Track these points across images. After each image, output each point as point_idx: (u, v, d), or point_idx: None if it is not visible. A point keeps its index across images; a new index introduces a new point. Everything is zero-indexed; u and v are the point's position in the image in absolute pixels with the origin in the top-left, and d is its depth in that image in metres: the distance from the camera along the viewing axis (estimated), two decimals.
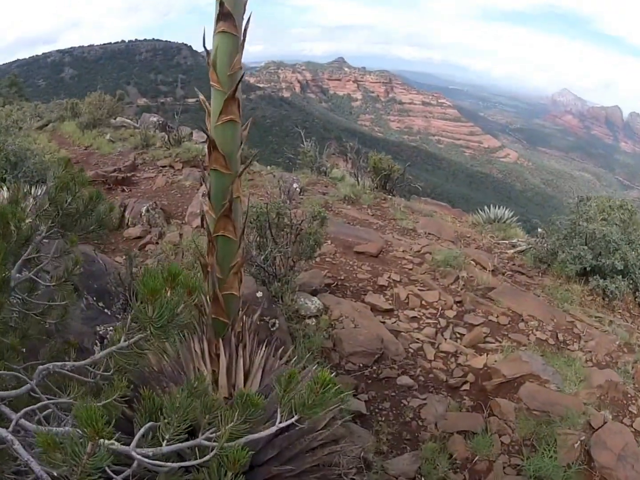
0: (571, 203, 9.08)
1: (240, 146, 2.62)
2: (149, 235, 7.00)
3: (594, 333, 6.33)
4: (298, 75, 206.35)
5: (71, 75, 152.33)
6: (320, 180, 11.90)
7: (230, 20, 2.42)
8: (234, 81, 2.49)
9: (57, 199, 2.33)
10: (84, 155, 13.11)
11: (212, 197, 2.65)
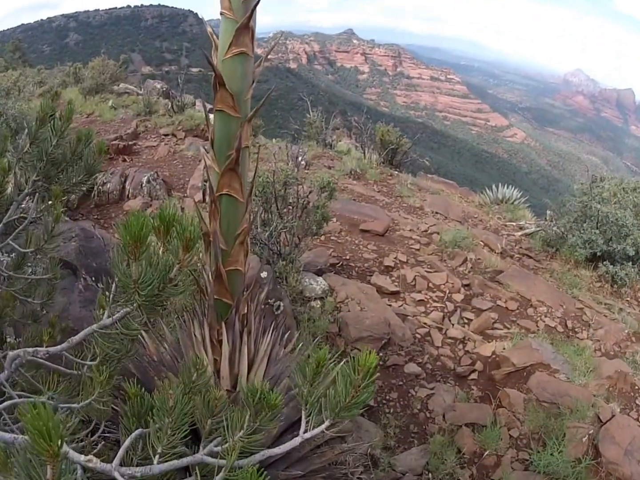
0: (584, 184, 8.81)
1: (251, 85, 2.23)
2: (150, 209, 6.79)
3: (603, 321, 6.21)
4: (306, 46, 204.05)
5: (76, 40, 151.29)
6: (326, 154, 11.67)
7: None
8: (248, 8, 2.11)
9: (39, 138, 1.95)
10: (86, 122, 12.88)
11: (216, 145, 2.23)
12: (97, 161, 2.08)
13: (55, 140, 1.95)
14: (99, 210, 7.31)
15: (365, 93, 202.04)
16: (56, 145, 1.95)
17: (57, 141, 1.94)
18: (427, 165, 12.72)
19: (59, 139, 1.93)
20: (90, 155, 2.07)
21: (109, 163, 9.44)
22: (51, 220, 2.00)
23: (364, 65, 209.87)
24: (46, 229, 2.01)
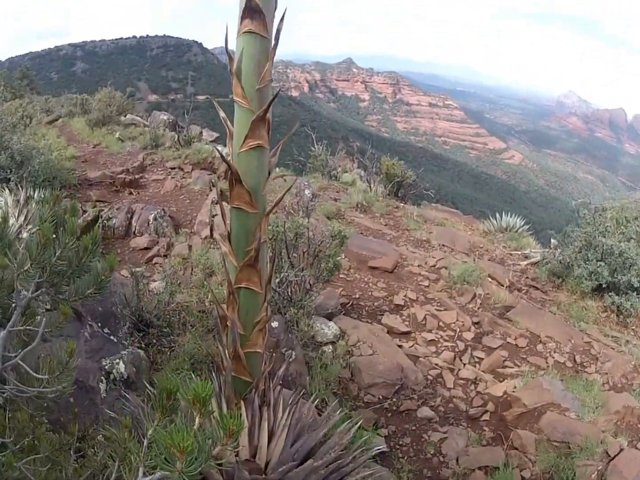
0: (587, 214, 8.86)
1: (267, 178, 2.18)
2: (156, 247, 6.72)
3: (610, 354, 6.23)
4: (307, 75, 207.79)
5: (83, 69, 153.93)
6: (332, 185, 11.67)
7: (259, 17, 1.95)
8: (264, 97, 2.04)
9: (40, 259, 1.83)
10: (92, 153, 12.91)
11: (233, 239, 2.21)
12: (107, 277, 1.98)
13: (59, 251, 1.85)
14: (104, 243, 7.25)
15: (367, 120, 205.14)
16: (59, 257, 1.84)
17: (61, 252, 1.83)
18: (432, 196, 12.73)
19: (62, 251, 1.83)
20: (101, 271, 1.97)
21: (114, 195, 9.44)
22: (65, 357, 1.86)
23: (364, 93, 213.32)
24: (60, 360, 1.87)
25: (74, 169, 10.72)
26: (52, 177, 9.08)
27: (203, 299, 5.33)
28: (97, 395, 3.56)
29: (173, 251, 6.65)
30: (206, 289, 5.49)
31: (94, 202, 8.79)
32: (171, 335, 4.74)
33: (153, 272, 6.27)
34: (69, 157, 11.48)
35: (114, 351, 3.90)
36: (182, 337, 4.67)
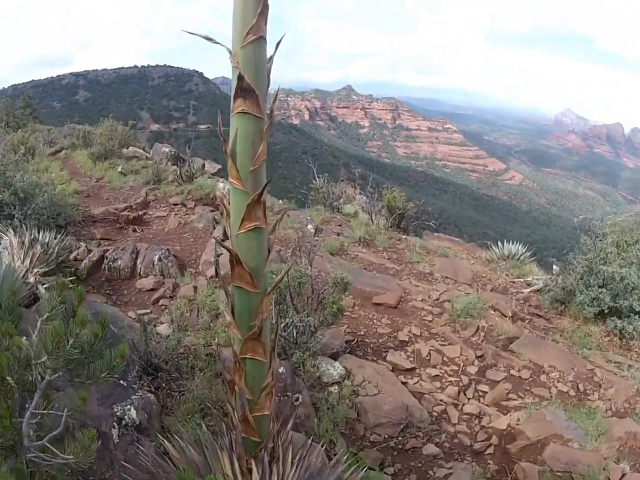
0: (587, 240, 8.96)
1: (268, 256, 2.22)
2: (162, 288, 6.76)
3: (613, 380, 6.28)
4: (307, 102, 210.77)
5: (85, 98, 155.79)
6: (334, 218, 11.75)
7: (251, 97, 1.99)
8: (259, 178, 2.06)
9: (55, 352, 1.91)
10: (95, 187, 12.97)
11: (237, 314, 2.27)
12: (119, 363, 2.03)
13: (72, 340, 1.89)
14: (110, 284, 7.29)
15: (367, 146, 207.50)
16: (73, 346, 1.89)
17: (74, 341, 1.89)
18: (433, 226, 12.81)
19: (75, 339, 1.89)
20: (114, 357, 2.03)
21: (118, 232, 9.48)
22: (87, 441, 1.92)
23: (364, 119, 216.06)
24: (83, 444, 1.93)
25: (78, 204, 10.78)
26: (56, 213, 9.11)
27: (210, 341, 5.37)
28: (110, 441, 3.60)
29: (179, 293, 6.69)
30: (213, 331, 5.53)
31: (99, 241, 8.84)
32: (180, 380, 4.77)
33: (160, 314, 6.30)
34: (72, 192, 11.54)
35: (124, 396, 3.95)
36: (191, 382, 4.70)
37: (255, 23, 1.96)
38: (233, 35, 2.01)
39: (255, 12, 1.95)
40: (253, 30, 1.96)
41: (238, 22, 1.99)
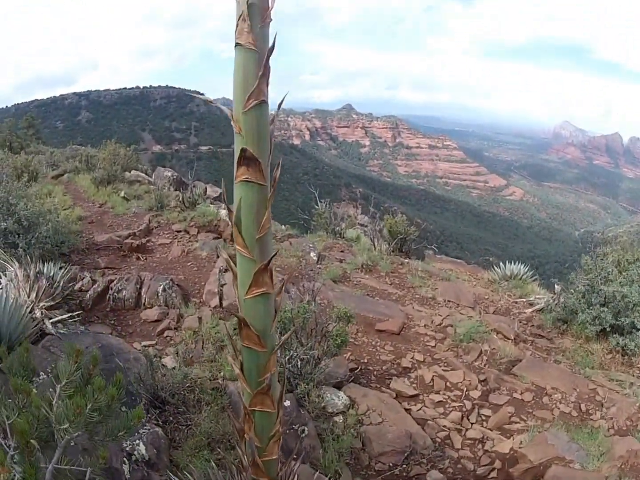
0: (588, 260, 9.04)
1: (275, 317, 2.25)
2: (166, 319, 6.81)
3: (615, 398, 6.29)
4: (307, 122, 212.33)
5: (88, 118, 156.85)
6: (337, 244, 11.81)
7: (254, 165, 2.00)
8: (265, 245, 2.09)
9: (73, 412, 1.97)
10: (98, 213, 13.04)
11: (246, 371, 2.31)
12: (136, 423, 2.10)
13: (90, 404, 1.96)
14: (115, 315, 7.33)
15: (368, 165, 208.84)
16: (91, 409, 1.96)
17: (92, 405, 1.96)
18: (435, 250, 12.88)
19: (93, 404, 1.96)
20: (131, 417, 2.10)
21: (122, 260, 9.52)
22: None
23: (364, 138, 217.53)
24: None
25: (81, 231, 10.84)
26: (60, 241, 9.13)
27: (216, 375, 5.41)
28: (122, 476, 3.65)
29: (183, 324, 6.74)
30: (218, 364, 5.57)
31: (103, 270, 8.89)
32: (187, 413, 4.80)
33: (165, 346, 6.34)
34: (76, 219, 11.60)
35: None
36: (198, 415, 4.73)
37: (256, 87, 1.98)
38: (234, 98, 2.03)
39: (256, 75, 1.97)
40: (255, 94, 1.98)
41: (239, 85, 2.00)
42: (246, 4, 1.94)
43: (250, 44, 1.95)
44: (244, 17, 1.95)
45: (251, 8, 1.95)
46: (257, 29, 1.97)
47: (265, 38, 2.00)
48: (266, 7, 1.98)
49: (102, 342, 5.68)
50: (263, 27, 1.99)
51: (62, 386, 2.04)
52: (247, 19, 1.95)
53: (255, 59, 1.97)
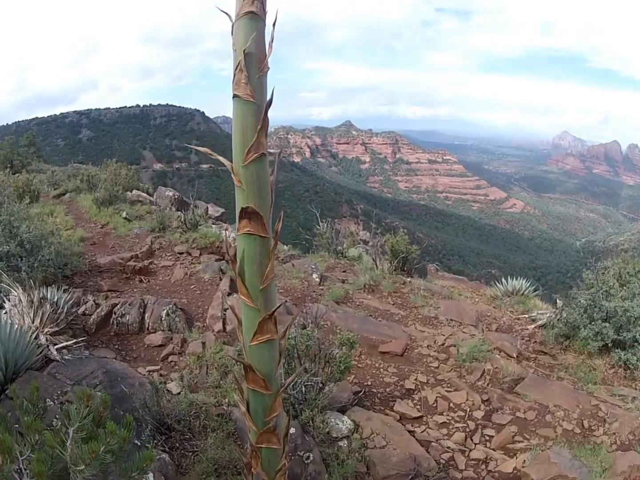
0: (589, 276, 9.08)
1: (279, 361, 2.29)
2: (170, 344, 6.83)
3: (617, 413, 6.29)
4: (307, 140, 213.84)
5: (88, 136, 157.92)
6: (339, 264, 11.88)
7: (257, 219, 2.04)
8: (269, 296, 2.12)
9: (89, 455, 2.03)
10: (100, 234, 13.10)
11: (252, 412, 2.34)
12: (147, 465, 2.16)
13: (103, 447, 2.02)
14: (119, 339, 7.35)
15: (369, 182, 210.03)
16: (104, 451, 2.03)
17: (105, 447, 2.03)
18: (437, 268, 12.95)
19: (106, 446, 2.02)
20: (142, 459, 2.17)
21: (125, 283, 9.55)
22: None
23: (364, 154, 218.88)
24: None
25: (84, 252, 10.89)
26: (62, 264, 9.15)
27: (221, 401, 5.43)
28: None
29: (187, 349, 6.76)
30: (223, 390, 5.59)
31: (106, 293, 8.93)
32: (193, 440, 4.82)
33: (169, 371, 6.36)
34: (78, 240, 11.65)
35: None
36: (204, 442, 4.74)
37: (256, 140, 1.99)
38: (234, 150, 2.05)
39: (255, 128, 1.98)
40: (254, 147, 1.99)
41: (238, 138, 2.01)
42: (243, 53, 1.94)
43: (248, 95, 1.95)
44: (240, 67, 1.95)
45: (248, 57, 1.95)
46: (254, 80, 1.97)
47: (263, 88, 2.01)
48: (263, 56, 1.99)
49: (106, 367, 5.70)
50: (261, 77, 1.99)
51: (75, 429, 2.09)
52: (244, 70, 1.95)
53: (253, 111, 1.98)
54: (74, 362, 5.65)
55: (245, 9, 1.94)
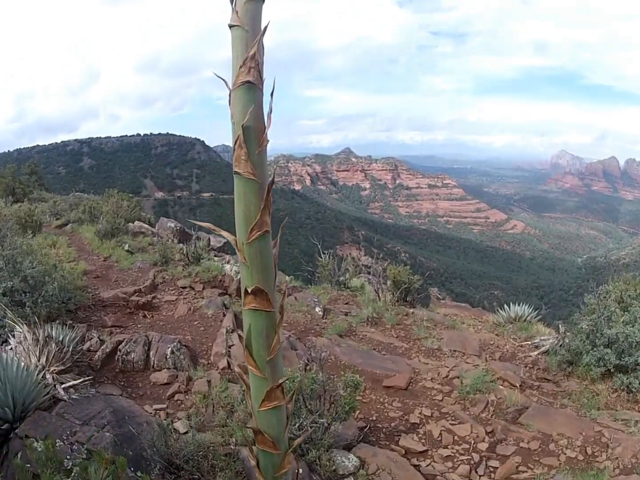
0: (591, 301, 9.16)
1: (287, 424, 2.33)
2: (176, 383, 6.84)
3: (620, 438, 6.32)
4: (308, 168, 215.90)
5: (90, 165, 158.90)
6: (341, 296, 11.93)
7: (262, 295, 2.07)
8: (277, 367, 2.18)
9: None
10: (103, 268, 13.12)
11: (262, 468, 2.37)
12: None
13: None
14: (124, 376, 7.35)
15: (369, 208, 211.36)
16: None
17: None
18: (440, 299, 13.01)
19: None
20: None
21: (129, 318, 9.55)
22: None
23: (364, 181, 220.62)
24: None
25: (87, 285, 10.91)
26: (66, 298, 9.15)
27: (228, 440, 5.45)
28: None
29: (193, 387, 6.78)
30: (230, 429, 5.61)
31: (110, 329, 8.95)
32: (202, 479, 4.83)
33: (176, 410, 6.38)
34: (81, 273, 11.66)
35: None
36: None
37: (259, 219, 2.01)
38: (237, 227, 2.07)
39: (258, 207, 1.99)
40: (257, 226, 2.01)
41: (241, 215, 2.03)
42: (241, 128, 1.93)
43: (249, 173, 1.96)
44: (240, 143, 1.94)
45: (247, 132, 1.94)
46: (254, 156, 1.97)
47: (264, 164, 2.01)
48: (262, 129, 1.98)
49: (113, 405, 5.73)
50: (260, 152, 1.99)
51: None
52: (243, 146, 1.94)
53: (256, 190, 1.99)
54: (81, 402, 5.69)
55: (242, 79, 1.93)
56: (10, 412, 4.98)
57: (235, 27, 1.95)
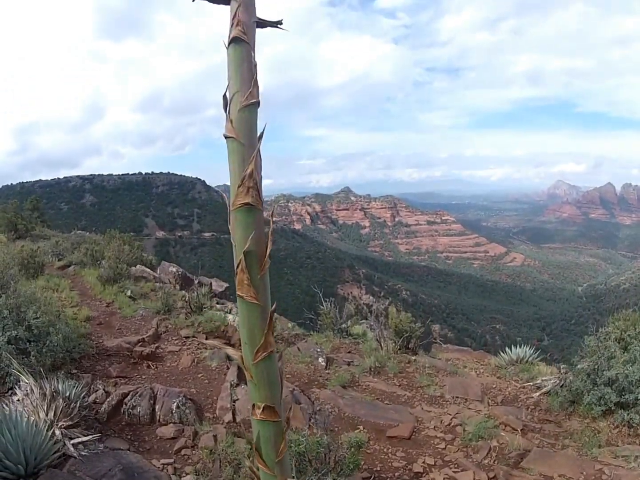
0: (591, 342, 9.29)
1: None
2: (182, 438, 6.91)
3: (620, 474, 6.45)
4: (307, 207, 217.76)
5: (91, 202, 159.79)
6: (344, 344, 12.03)
7: (269, 409, 2.05)
8: (285, 467, 2.19)
9: None
10: (106, 314, 13.15)
11: None
12: None
13: None
14: (130, 429, 7.38)
15: (369, 246, 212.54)
16: None
17: None
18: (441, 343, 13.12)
19: None
20: None
21: (133, 369, 9.59)
22: None
23: (364, 220, 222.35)
24: None
25: (90, 333, 10.95)
26: (71, 347, 9.19)
27: None
28: None
29: (199, 442, 6.85)
30: None
31: (115, 380, 9.00)
32: None
33: (183, 464, 6.44)
34: (84, 319, 11.69)
35: None
36: None
37: (264, 341, 1.95)
38: (243, 347, 2.02)
39: (262, 330, 1.96)
40: (262, 348, 1.96)
41: (246, 338, 1.97)
42: (243, 253, 1.90)
43: (252, 297, 1.94)
44: (242, 267, 1.93)
45: (248, 257, 1.92)
46: (257, 280, 1.96)
47: (266, 287, 2.01)
48: (264, 253, 1.97)
49: (122, 462, 5.83)
50: (263, 276, 1.98)
51: None
52: (245, 271, 1.93)
53: (259, 313, 1.97)
54: (91, 458, 5.80)
55: (241, 200, 1.87)
56: (22, 469, 5.08)
57: (230, 139, 1.89)
